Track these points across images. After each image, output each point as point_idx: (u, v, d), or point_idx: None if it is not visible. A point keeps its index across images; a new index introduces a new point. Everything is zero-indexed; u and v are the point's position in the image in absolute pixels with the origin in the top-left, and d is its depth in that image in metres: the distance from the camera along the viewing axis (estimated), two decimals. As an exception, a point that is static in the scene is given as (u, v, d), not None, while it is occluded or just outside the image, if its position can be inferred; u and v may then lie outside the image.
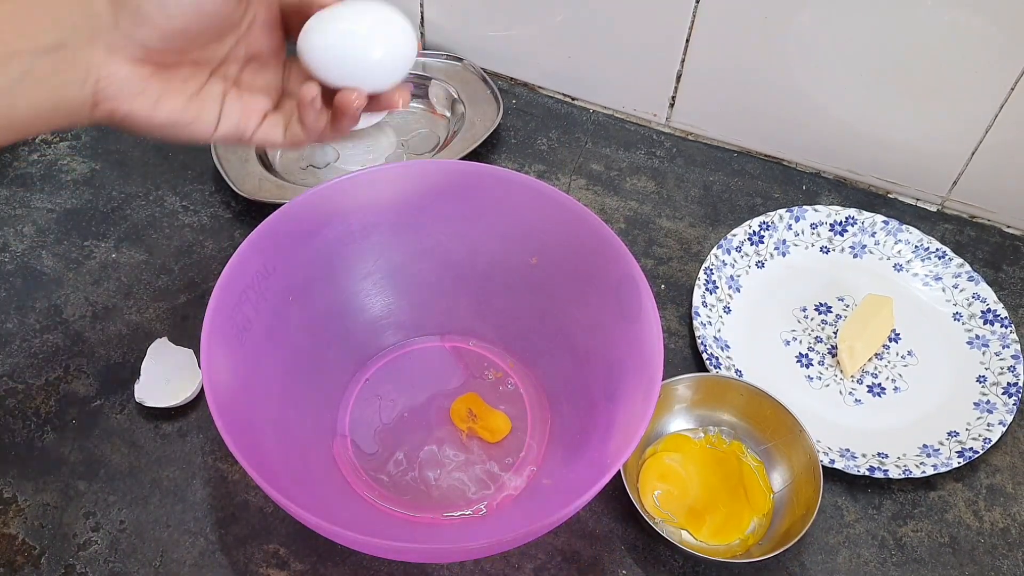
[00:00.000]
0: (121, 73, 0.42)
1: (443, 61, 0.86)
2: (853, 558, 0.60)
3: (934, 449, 0.64)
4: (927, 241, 0.74)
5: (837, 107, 0.77)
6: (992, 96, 0.71)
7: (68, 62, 0.41)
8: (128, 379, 0.64)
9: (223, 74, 0.47)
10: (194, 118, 0.45)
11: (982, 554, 0.60)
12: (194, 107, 0.45)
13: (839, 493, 0.62)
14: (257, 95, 0.48)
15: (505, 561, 0.58)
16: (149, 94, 0.43)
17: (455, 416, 0.63)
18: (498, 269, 0.64)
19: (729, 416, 0.63)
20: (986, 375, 0.68)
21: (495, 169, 0.61)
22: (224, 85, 0.47)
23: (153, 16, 0.41)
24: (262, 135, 0.48)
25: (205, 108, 0.46)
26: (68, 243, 0.73)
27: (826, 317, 0.72)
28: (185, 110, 0.45)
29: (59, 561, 0.57)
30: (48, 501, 0.59)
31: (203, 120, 0.46)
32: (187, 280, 0.71)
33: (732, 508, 0.60)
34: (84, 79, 0.41)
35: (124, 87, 0.42)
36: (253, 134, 0.48)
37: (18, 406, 0.63)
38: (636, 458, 0.61)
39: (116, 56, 0.42)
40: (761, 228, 0.75)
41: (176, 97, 0.45)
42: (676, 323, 0.71)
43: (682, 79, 0.80)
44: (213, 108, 0.46)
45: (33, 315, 0.68)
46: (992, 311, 0.71)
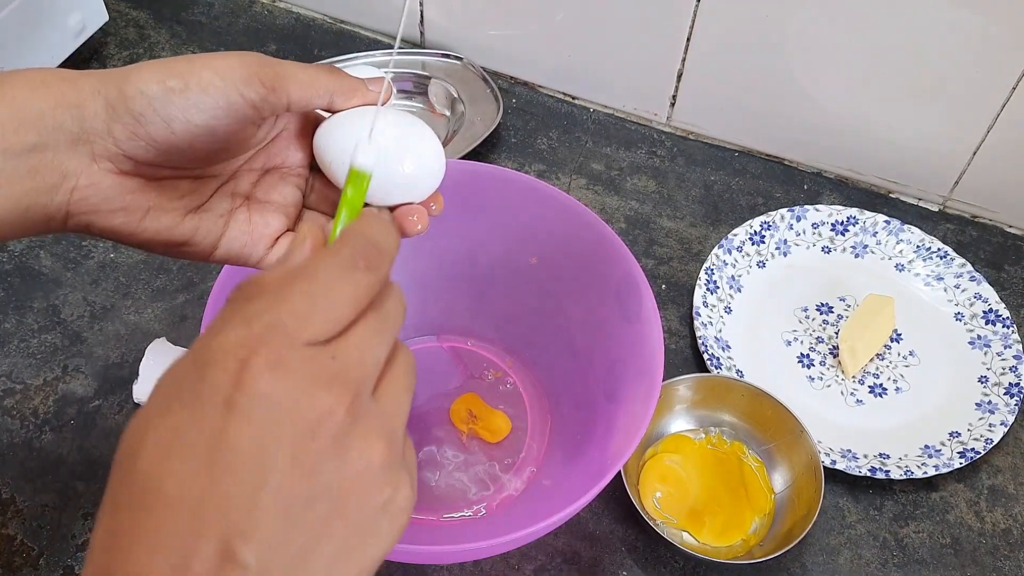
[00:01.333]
0: (103, 184, 0.36)
1: (443, 60, 0.86)
2: (854, 559, 0.60)
3: (936, 450, 0.63)
4: (929, 241, 0.74)
5: (838, 106, 0.77)
6: (994, 95, 0.71)
7: (43, 166, 0.35)
8: (127, 379, 0.64)
9: (231, 190, 0.40)
10: (188, 239, 0.39)
11: (984, 555, 0.60)
12: (189, 226, 0.39)
13: (840, 494, 0.62)
14: (271, 214, 0.41)
15: (505, 562, 0.58)
16: (134, 210, 0.37)
17: (455, 417, 0.63)
18: (498, 269, 0.63)
19: (730, 417, 0.63)
20: (988, 375, 0.67)
21: (495, 168, 0.61)
22: (232, 202, 0.40)
23: (154, 128, 0.35)
24: (272, 261, 0.41)
25: (203, 228, 0.39)
26: (66, 243, 0.72)
27: (827, 317, 0.72)
28: (176, 229, 0.38)
29: (58, 562, 0.56)
30: (47, 502, 0.59)
31: (199, 242, 0.39)
32: (186, 280, 0.71)
33: (733, 509, 0.60)
34: (57, 186, 0.35)
35: (104, 200, 0.36)
36: (261, 260, 0.41)
37: (16, 406, 0.63)
38: (637, 459, 0.61)
39: (99, 165, 0.36)
40: (762, 228, 0.74)
41: (168, 215, 0.38)
42: (677, 323, 0.71)
43: (683, 78, 0.80)
44: (214, 228, 0.40)
45: (31, 315, 0.68)
46: (994, 311, 0.70)
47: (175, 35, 0.88)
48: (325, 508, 0.26)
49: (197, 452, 0.25)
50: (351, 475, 0.27)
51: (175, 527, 0.25)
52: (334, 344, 0.27)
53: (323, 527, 0.26)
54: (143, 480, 0.25)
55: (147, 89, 0.35)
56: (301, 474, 0.26)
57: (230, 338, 0.26)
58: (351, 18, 0.91)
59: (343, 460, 0.27)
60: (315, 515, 0.26)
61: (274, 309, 0.27)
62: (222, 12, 0.91)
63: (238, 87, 0.36)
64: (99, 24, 0.84)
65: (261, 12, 0.91)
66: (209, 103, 0.35)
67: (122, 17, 0.89)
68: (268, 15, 0.91)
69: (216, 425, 0.25)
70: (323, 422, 0.26)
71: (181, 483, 0.25)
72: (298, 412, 0.26)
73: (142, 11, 0.90)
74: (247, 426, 0.25)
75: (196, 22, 0.89)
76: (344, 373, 0.27)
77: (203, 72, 0.35)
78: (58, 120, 0.35)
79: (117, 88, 0.35)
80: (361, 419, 0.27)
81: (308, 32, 0.90)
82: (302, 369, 0.26)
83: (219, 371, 0.26)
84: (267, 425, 0.25)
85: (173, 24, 0.89)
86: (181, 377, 0.27)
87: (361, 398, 0.27)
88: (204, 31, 0.89)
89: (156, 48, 0.87)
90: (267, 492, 0.25)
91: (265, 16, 0.91)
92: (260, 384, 0.25)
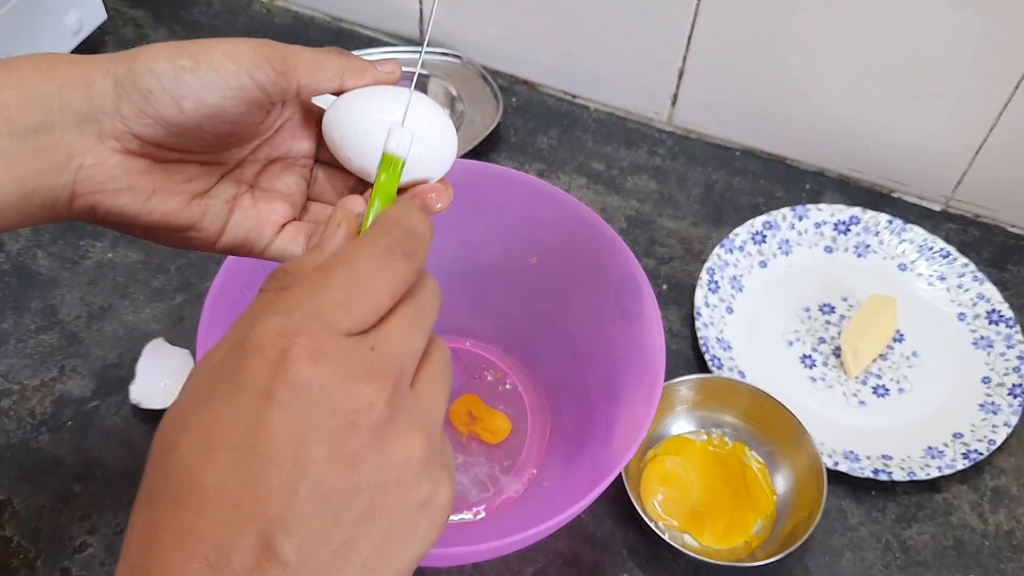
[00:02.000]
0: (109, 162, 0.35)
1: (443, 59, 0.85)
2: (857, 561, 0.59)
3: (939, 451, 0.63)
4: (931, 241, 0.74)
5: (840, 105, 0.76)
6: (996, 95, 0.71)
7: (49, 146, 0.34)
8: (124, 379, 0.64)
9: (236, 177, 0.40)
10: (194, 223, 0.38)
11: (987, 557, 0.60)
12: (195, 210, 0.38)
13: (843, 496, 0.62)
14: (275, 202, 0.40)
15: (505, 565, 0.57)
16: (140, 190, 0.37)
17: (455, 418, 0.63)
18: (498, 269, 0.63)
19: (732, 418, 0.63)
20: (991, 376, 0.67)
21: (495, 168, 0.60)
22: (236, 189, 0.40)
23: (163, 107, 0.35)
24: (278, 249, 0.40)
25: (209, 213, 0.39)
26: (64, 243, 0.72)
27: (829, 317, 0.71)
28: (183, 212, 0.38)
29: (55, 564, 0.56)
30: (43, 503, 0.59)
31: (204, 227, 0.39)
32: (183, 280, 0.70)
33: (735, 511, 0.59)
34: (63, 166, 0.35)
35: (110, 179, 0.36)
36: (266, 248, 0.40)
37: (13, 407, 0.63)
38: (638, 460, 0.61)
39: (105, 144, 0.35)
40: (764, 227, 0.74)
41: (174, 198, 0.38)
42: (678, 323, 0.70)
43: (684, 77, 0.80)
44: (219, 214, 0.39)
45: (28, 315, 0.68)
46: (997, 311, 0.70)
47: (174, 34, 0.88)
48: (364, 504, 0.26)
49: (237, 443, 0.25)
50: (390, 470, 0.26)
51: (214, 521, 0.24)
52: (373, 334, 0.27)
53: (362, 524, 0.26)
54: (181, 472, 0.25)
55: (157, 67, 0.35)
56: (341, 467, 0.25)
57: (269, 327, 0.26)
58: (350, 16, 0.90)
59: (383, 454, 0.26)
60: (354, 511, 0.26)
61: (313, 298, 0.26)
62: (221, 11, 0.90)
63: (248, 69, 0.36)
64: (97, 23, 0.84)
65: (260, 11, 0.91)
66: (219, 83, 0.35)
67: (120, 16, 0.88)
68: (267, 14, 0.91)
69: (256, 416, 0.25)
70: (363, 414, 0.26)
71: (221, 475, 0.25)
72: (338, 403, 0.25)
73: (140, 10, 0.89)
74: (287, 417, 0.25)
75: (195, 21, 0.89)
76: (384, 364, 0.26)
77: (214, 53, 0.35)
78: (65, 100, 0.34)
79: (127, 66, 0.35)
80: (401, 412, 0.27)
81: (307, 31, 0.90)
82: (342, 360, 0.26)
83: (259, 361, 0.25)
84: (307, 416, 0.25)
85: (172, 23, 0.89)
86: (219, 367, 0.26)
87: (400, 391, 0.27)
88: (203, 30, 0.88)
89: (154, 47, 0.86)
90: (306, 485, 0.25)
91: (264, 15, 0.91)
92: (300, 374, 0.25)
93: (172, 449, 0.25)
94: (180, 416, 0.26)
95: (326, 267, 0.27)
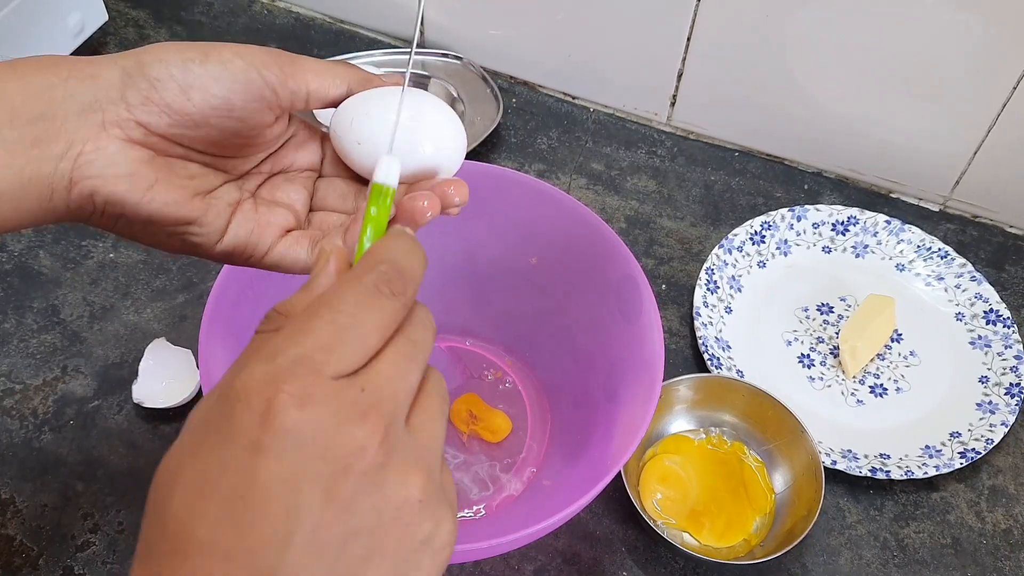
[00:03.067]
0: (109, 148, 0.35)
1: (443, 59, 0.85)
2: (855, 559, 0.59)
3: (936, 450, 0.63)
4: (929, 241, 0.74)
5: (839, 106, 0.77)
6: (994, 95, 0.71)
7: (49, 133, 0.34)
8: (126, 379, 0.64)
9: (240, 185, 0.40)
10: (195, 218, 0.37)
11: (984, 555, 0.60)
12: (197, 205, 0.37)
13: (841, 494, 0.62)
14: (278, 208, 0.40)
15: (505, 563, 0.58)
16: (140, 178, 0.35)
17: (455, 418, 0.63)
18: (498, 269, 0.63)
19: (730, 417, 0.63)
20: (988, 375, 0.67)
21: (495, 168, 0.61)
22: (239, 195, 0.39)
23: (170, 95, 0.35)
24: (279, 255, 0.39)
25: (211, 211, 0.38)
26: (66, 243, 0.72)
27: (828, 317, 0.72)
28: (184, 206, 0.37)
29: (57, 562, 0.56)
30: (46, 502, 0.59)
31: (206, 224, 0.37)
32: (185, 280, 0.70)
33: (734, 510, 0.60)
34: (62, 153, 0.34)
35: (109, 164, 0.35)
36: (267, 253, 0.39)
37: (16, 406, 0.63)
38: (637, 459, 0.61)
39: (108, 131, 0.35)
40: (763, 228, 0.74)
41: (174, 191, 0.36)
42: (677, 323, 0.71)
43: (683, 78, 0.80)
44: (221, 213, 0.38)
45: (31, 315, 0.68)
46: (994, 311, 0.70)
47: (175, 35, 0.88)
48: (363, 548, 0.25)
49: (227, 495, 0.24)
50: (389, 512, 0.26)
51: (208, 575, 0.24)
52: (363, 375, 0.26)
53: (361, 568, 0.25)
54: (175, 525, 0.25)
55: (167, 56, 0.35)
56: (336, 513, 0.25)
57: (255, 375, 0.25)
58: (351, 18, 0.90)
59: (379, 496, 0.26)
60: (352, 556, 0.25)
61: (298, 343, 0.26)
62: (222, 12, 0.91)
63: (258, 66, 0.36)
64: (98, 24, 0.84)
65: (260, 12, 0.91)
66: (228, 76, 0.35)
67: (121, 17, 0.89)
68: (268, 15, 0.91)
69: (245, 466, 0.24)
70: (357, 457, 0.25)
71: (213, 528, 0.24)
72: (329, 448, 0.25)
73: (141, 11, 0.89)
74: (277, 465, 0.24)
75: (196, 22, 0.89)
76: (375, 405, 0.26)
77: (224, 51, 0.36)
78: (69, 91, 0.34)
79: (135, 58, 0.35)
80: (396, 452, 0.26)
81: (308, 32, 0.90)
82: (331, 403, 0.25)
83: (245, 410, 0.25)
84: (298, 463, 0.25)
85: (173, 24, 0.89)
86: (208, 417, 0.26)
87: (394, 430, 0.26)
88: (204, 31, 0.89)
89: (156, 48, 0.87)
90: (301, 534, 0.24)
91: (264, 16, 0.91)
92: (288, 421, 0.25)
93: (166, 501, 0.25)
94: (174, 466, 0.26)
95: (312, 309, 0.27)
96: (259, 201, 0.40)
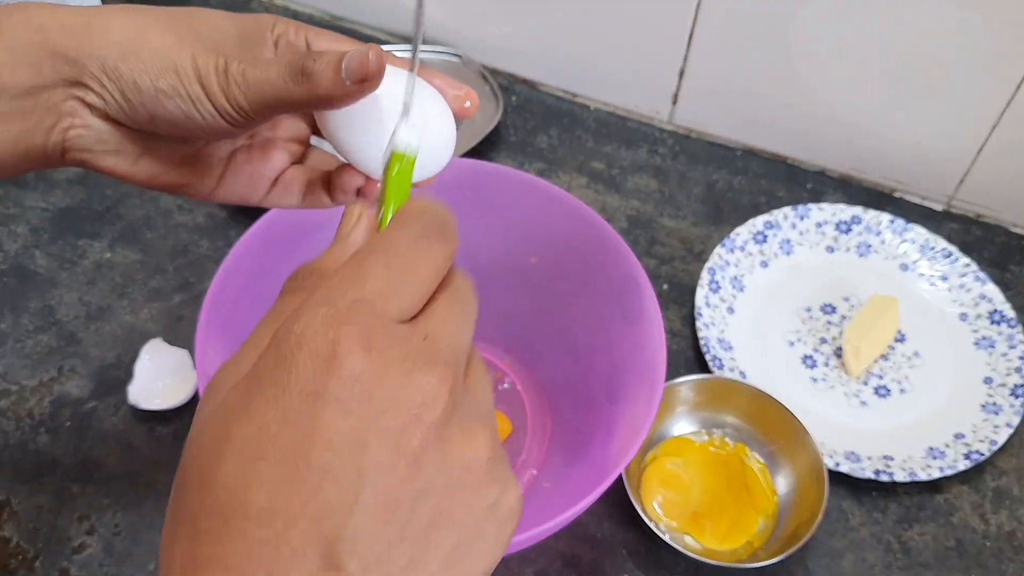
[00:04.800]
0: (95, 126, 0.36)
1: (442, 57, 0.85)
2: (858, 562, 0.59)
3: (940, 452, 0.63)
4: (933, 240, 0.74)
5: (842, 105, 0.76)
6: (998, 94, 0.70)
7: (39, 106, 0.35)
8: (122, 380, 0.64)
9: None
10: (184, 183, 0.39)
11: (988, 557, 0.60)
12: (186, 171, 0.38)
13: (844, 496, 0.62)
14: (273, 152, 0.40)
15: (505, 566, 0.57)
16: (127, 154, 0.37)
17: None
18: (498, 268, 0.63)
19: (733, 418, 0.63)
20: (993, 376, 0.67)
21: (495, 167, 0.60)
22: (233, 144, 0.40)
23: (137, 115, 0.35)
24: (272, 200, 0.41)
25: (200, 171, 0.39)
26: (62, 242, 0.72)
27: (831, 318, 0.71)
28: (172, 173, 0.38)
29: (53, 564, 0.56)
30: (42, 504, 0.58)
31: (198, 185, 0.39)
32: (182, 280, 0.70)
33: (736, 512, 0.59)
34: (52, 127, 0.36)
35: (97, 142, 0.36)
36: (262, 199, 0.41)
37: (11, 407, 0.63)
38: (638, 461, 0.60)
39: (93, 111, 0.36)
40: (765, 227, 0.74)
41: (162, 161, 0.38)
42: (679, 324, 0.70)
43: (685, 76, 0.80)
44: (213, 171, 0.39)
45: (26, 315, 0.67)
46: (999, 311, 0.70)
47: (173, 33, 0.87)
48: (431, 512, 0.23)
49: (287, 454, 0.22)
50: (457, 471, 0.23)
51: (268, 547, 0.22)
52: (423, 322, 0.25)
53: (430, 535, 0.23)
54: (225, 496, 0.22)
55: (140, 81, 0.35)
56: (405, 470, 0.22)
57: (316, 318, 0.23)
58: (348, 14, 0.90)
59: (447, 454, 0.23)
60: (421, 521, 0.23)
61: (355, 286, 0.24)
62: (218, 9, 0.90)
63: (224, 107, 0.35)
64: (96, 21, 0.83)
65: (258, 9, 0.91)
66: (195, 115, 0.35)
67: (119, 14, 0.88)
68: (265, 12, 0.90)
69: (307, 419, 0.22)
70: (428, 407, 0.23)
71: (273, 493, 0.22)
72: (400, 398, 0.23)
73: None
74: (344, 418, 0.22)
75: (194, 19, 0.89)
76: (442, 352, 0.24)
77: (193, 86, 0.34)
78: (56, 67, 0.35)
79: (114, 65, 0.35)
80: (461, 406, 0.24)
81: (307, 30, 0.89)
82: (398, 348, 0.23)
83: (306, 357, 0.22)
84: (366, 415, 0.22)
85: (171, 21, 0.88)
86: (253, 374, 0.23)
87: (459, 382, 0.24)
88: (202, 29, 0.88)
89: (153, 46, 0.86)
90: (369, 494, 0.22)
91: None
92: (356, 366, 0.22)
93: (212, 471, 0.23)
94: (218, 431, 0.23)
95: (359, 258, 0.25)
96: (254, 146, 0.40)
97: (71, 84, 0.35)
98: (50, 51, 0.35)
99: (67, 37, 0.35)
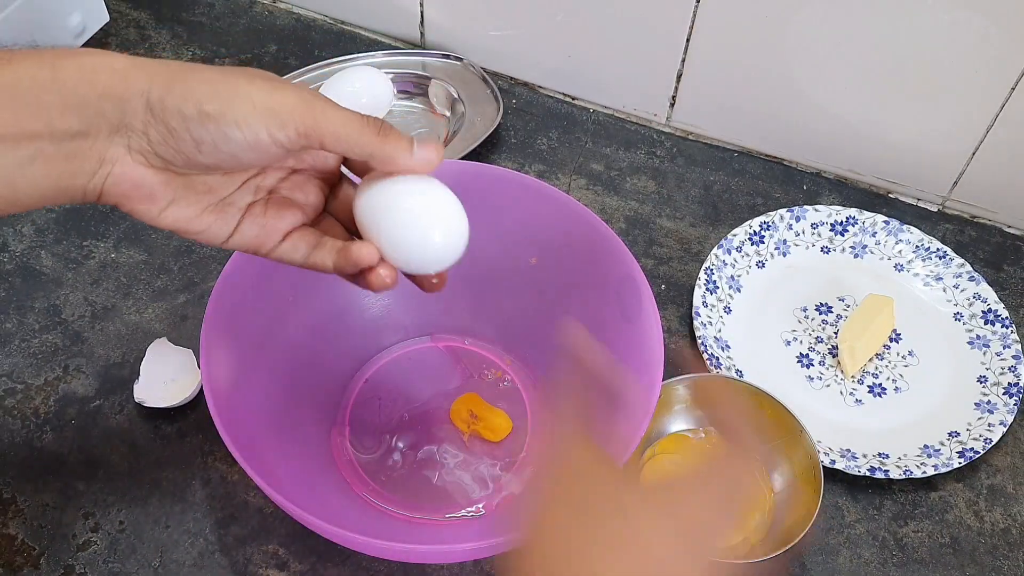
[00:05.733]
0: (134, 174, 0.38)
1: (443, 60, 0.86)
2: (854, 559, 0.60)
3: (935, 449, 0.64)
4: (928, 241, 0.74)
5: (838, 106, 0.77)
6: (993, 95, 0.71)
7: (83, 150, 0.37)
8: (127, 379, 0.64)
9: (257, 183, 0.43)
10: (204, 229, 0.41)
11: (983, 554, 0.60)
12: (207, 219, 0.41)
13: (840, 493, 0.62)
14: (288, 210, 0.43)
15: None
16: (159, 200, 0.40)
17: (456, 418, 0.63)
18: (498, 269, 0.63)
19: (729, 416, 0.63)
20: (987, 375, 0.68)
21: (495, 169, 0.61)
22: (253, 195, 0.43)
23: (184, 145, 0.38)
24: (280, 254, 0.43)
25: (219, 220, 0.41)
26: (67, 243, 0.73)
27: (827, 317, 0.72)
28: (193, 221, 0.41)
29: (58, 562, 0.56)
30: (47, 501, 0.59)
31: (214, 232, 0.42)
32: (186, 280, 0.71)
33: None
34: (95, 171, 0.38)
35: (134, 188, 0.39)
36: (271, 252, 0.43)
37: (17, 406, 0.63)
38: (636, 458, 0.61)
39: (133, 157, 0.38)
40: (762, 228, 0.75)
41: (189, 207, 0.40)
42: (676, 323, 0.71)
43: (682, 79, 0.80)
44: (230, 220, 0.42)
45: (32, 315, 0.68)
46: (993, 311, 0.70)
47: (176, 36, 0.88)
48: None
49: None
50: None
51: None
52: None
53: None
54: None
55: (185, 109, 0.37)
56: None
57: None
58: (352, 19, 0.91)
59: None
60: None
61: None
62: (223, 13, 0.91)
63: (271, 130, 0.37)
64: (99, 24, 0.84)
65: (262, 12, 0.91)
66: (239, 137, 0.37)
67: (123, 18, 0.89)
68: (269, 16, 0.91)
69: None
70: None
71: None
72: None
73: (142, 12, 0.90)
74: None
75: (197, 23, 0.90)
76: None
77: (244, 104, 0.37)
78: (101, 108, 0.37)
79: (159, 97, 0.37)
80: None
81: (309, 33, 0.90)
82: None
83: None
84: None
85: (174, 24, 0.89)
86: None
87: None
88: (205, 32, 0.89)
89: (157, 49, 0.87)
90: None
91: (266, 17, 0.91)
92: None
93: None
94: None
95: None
96: (271, 203, 0.42)
97: (115, 130, 0.37)
98: (99, 93, 0.36)
99: (116, 79, 0.37)
